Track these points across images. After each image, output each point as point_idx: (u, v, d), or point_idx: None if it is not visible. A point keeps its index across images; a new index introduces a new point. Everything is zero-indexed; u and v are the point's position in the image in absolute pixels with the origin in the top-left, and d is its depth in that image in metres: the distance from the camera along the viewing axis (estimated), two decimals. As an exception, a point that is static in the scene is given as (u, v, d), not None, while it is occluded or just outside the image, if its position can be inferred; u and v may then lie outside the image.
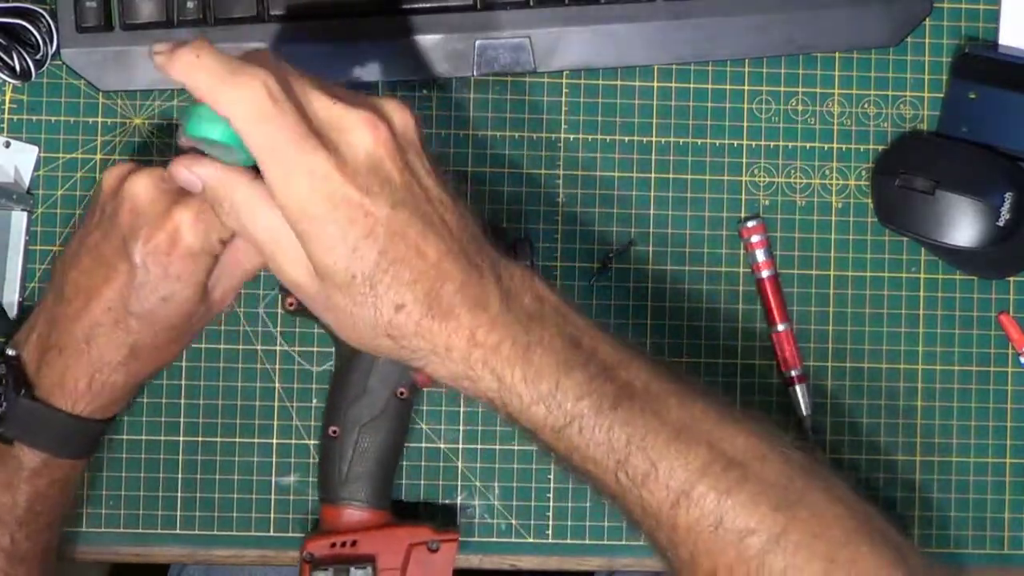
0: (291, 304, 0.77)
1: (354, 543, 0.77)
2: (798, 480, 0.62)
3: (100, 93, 0.83)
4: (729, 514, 0.61)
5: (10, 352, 0.73)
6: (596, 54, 0.82)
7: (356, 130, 0.61)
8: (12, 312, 0.82)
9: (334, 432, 0.78)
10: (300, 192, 0.60)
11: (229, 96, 0.59)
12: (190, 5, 0.80)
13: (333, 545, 0.76)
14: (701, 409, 0.63)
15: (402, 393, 0.77)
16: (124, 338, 0.70)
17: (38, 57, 0.81)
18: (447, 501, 0.83)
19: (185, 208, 0.67)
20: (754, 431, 0.63)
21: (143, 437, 0.82)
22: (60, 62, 0.82)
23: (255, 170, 0.62)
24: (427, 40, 0.81)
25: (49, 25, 0.81)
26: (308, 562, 0.76)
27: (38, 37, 0.80)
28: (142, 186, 0.68)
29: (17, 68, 0.80)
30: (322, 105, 0.62)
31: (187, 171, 0.63)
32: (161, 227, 0.67)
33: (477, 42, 0.81)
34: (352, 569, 0.76)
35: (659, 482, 0.61)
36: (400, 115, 0.63)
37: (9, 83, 0.82)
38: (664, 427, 0.62)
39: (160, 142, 0.83)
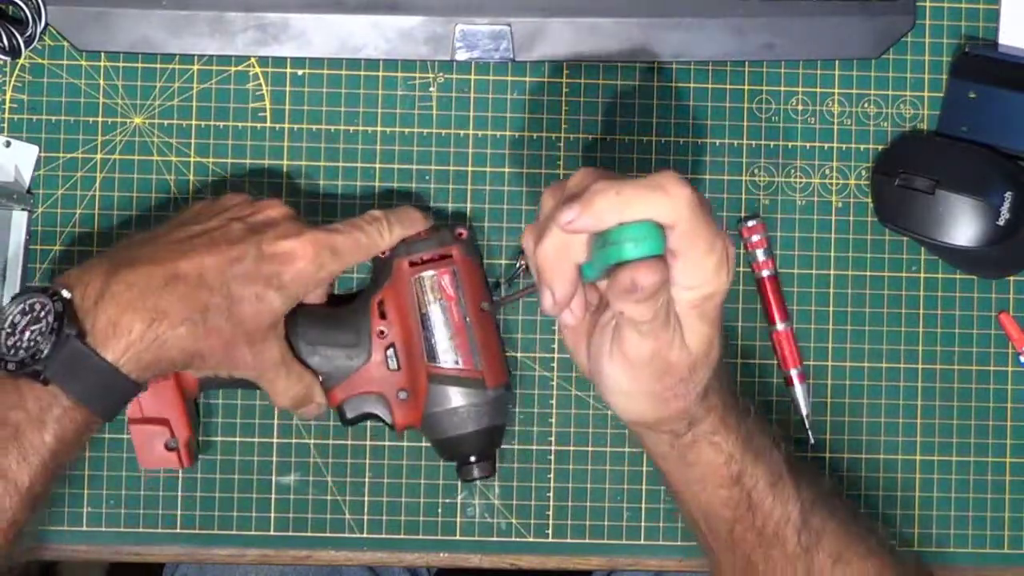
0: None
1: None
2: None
3: (100, 93, 0.83)
4: None
5: (64, 294, 0.70)
6: (575, 46, 0.82)
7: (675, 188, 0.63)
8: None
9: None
10: (711, 258, 0.63)
11: (663, 203, 0.62)
12: None
13: None
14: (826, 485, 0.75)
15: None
16: (203, 300, 0.70)
17: (27, 34, 0.81)
18: (447, 501, 0.83)
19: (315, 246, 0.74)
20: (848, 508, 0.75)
21: (143, 437, 0.83)
22: (61, 62, 0.82)
23: None
24: (407, 21, 0.81)
25: (37, 2, 0.81)
26: None
27: (27, 12, 0.81)
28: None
29: (6, 44, 0.81)
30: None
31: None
32: (294, 250, 0.73)
33: (458, 27, 0.81)
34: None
35: (825, 549, 0.71)
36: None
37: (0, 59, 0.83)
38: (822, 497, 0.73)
39: (160, 142, 0.83)
